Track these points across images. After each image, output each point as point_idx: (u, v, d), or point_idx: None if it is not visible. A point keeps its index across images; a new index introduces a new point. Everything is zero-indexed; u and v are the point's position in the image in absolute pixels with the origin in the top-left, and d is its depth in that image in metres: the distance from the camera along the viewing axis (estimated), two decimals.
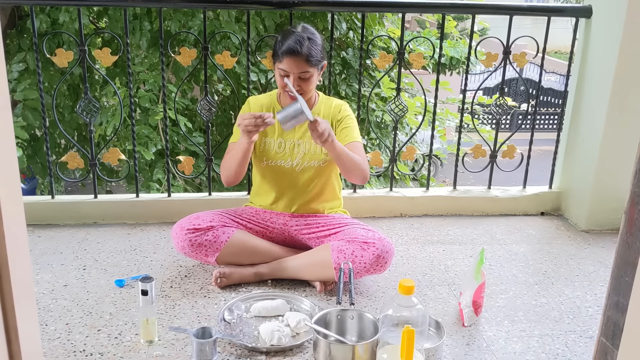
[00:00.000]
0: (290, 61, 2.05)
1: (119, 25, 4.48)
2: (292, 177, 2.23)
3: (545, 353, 1.82)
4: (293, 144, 2.22)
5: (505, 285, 2.25)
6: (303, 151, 2.21)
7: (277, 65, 2.10)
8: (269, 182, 2.27)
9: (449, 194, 2.99)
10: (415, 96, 5.59)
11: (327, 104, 2.27)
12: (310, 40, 2.08)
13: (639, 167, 0.88)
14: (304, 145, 2.22)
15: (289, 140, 2.22)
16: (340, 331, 1.80)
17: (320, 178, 2.25)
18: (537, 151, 3.40)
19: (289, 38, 2.07)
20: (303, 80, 2.09)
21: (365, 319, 1.81)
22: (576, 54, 2.86)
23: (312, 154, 2.22)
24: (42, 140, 4.64)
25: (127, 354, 1.74)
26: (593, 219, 2.79)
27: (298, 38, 2.06)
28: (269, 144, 2.23)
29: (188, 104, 4.74)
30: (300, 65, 2.06)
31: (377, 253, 2.02)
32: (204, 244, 2.10)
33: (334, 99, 2.31)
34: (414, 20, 10.61)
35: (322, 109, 2.25)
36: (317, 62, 2.10)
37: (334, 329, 1.80)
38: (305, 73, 2.08)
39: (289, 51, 2.05)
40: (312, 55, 2.07)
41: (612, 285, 0.96)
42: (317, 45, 2.09)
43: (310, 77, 2.10)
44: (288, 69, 2.07)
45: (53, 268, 2.27)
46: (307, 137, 2.19)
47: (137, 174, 2.85)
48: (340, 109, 2.26)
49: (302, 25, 2.15)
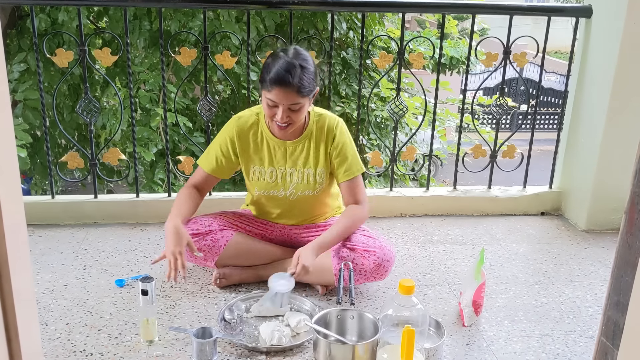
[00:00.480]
0: (279, 92, 1.88)
1: (119, 26, 4.48)
2: (286, 204, 2.16)
3: (546, 353, 1.82)
4: (284, 173, 2.10)
5: (505, 285, 2.25)
6: (296, 181, 2.10)
7: (265, 94, 1.92)
8: (263, 206, 2.21)
9: (449, 194, 2.99)
10: (414, 96, 5.59)
11: (319, 126, 2.08)
12: (302, 68, 1.89)
13: (639, 167, 0.88)
14: (296, 175, 2.10)
15: (280, 169, 2.10)
16: (341, 331, 1.80)
17: (315, 202, 2.18)
18: (537, 151, 3.40)
19: (279, 65, 1.88)
20: (293, 111, 1.93)
21: (366, 319, 1.81)
22: (576, 54, 2.86)
23: (305, 184, 2.11)
24: (42, 140, 4.65)
25: (128, 354, 1.74)
26: (593, 219, 2.79)
27: (289, 66, 1.88)
28: (260, 173, 2.12)
29: (189, 104, 4.74)
30: (290, 97, 1.89)
31: (378, 262, 2.01)
32: (203, 249, 2.09)
33: (327, 118, 2.10)
34: (414, 20, 10.60)
35: (314, 132, 2.08)
36: (309, 92, 1.93)
37: (334, 329, 1.80)
38: (295, 105, 1.91)
39: (278, 81, 1.86)
40: (303, 86, 1.89)
41: (612, 285, 0.96)
42: (309, 74, 1.91)
43: (301, 108, 1.94)
44: (277, 100, 1.89)
45: (53, 268, 2.27)
46: (298, 166, 2.09)
47: (137, 174, 2.85)
48: (335, 135, 2.08)
49: (294, 49, 1.97)
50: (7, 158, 0.71)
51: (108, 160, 2.80)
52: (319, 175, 2.10)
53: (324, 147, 2.09)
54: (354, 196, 2.11)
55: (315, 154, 2.09)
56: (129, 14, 3.21)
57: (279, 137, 2.07)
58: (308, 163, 2.09)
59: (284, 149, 2.09)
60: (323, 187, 2.13)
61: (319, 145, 2.09)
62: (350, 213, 2.08)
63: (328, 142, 2.09)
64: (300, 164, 2.09)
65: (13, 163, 0.73)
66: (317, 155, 2.09)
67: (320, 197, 2.17)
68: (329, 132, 2.09)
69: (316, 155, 2.09)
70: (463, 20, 8.32)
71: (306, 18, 4.88)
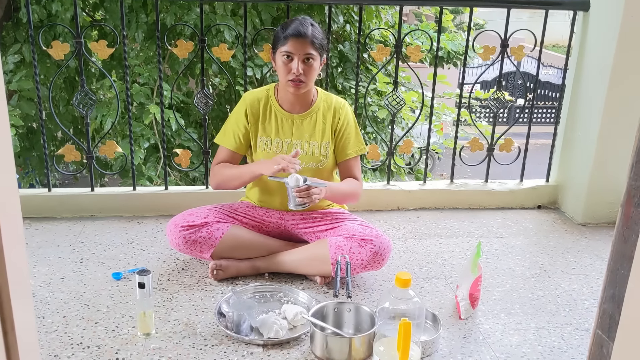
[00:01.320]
0: (295, 42, 2.02)
1: (115, 17, 4.46)
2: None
3: (542, 345, 1.83)
4: (290, 144, 2.18)
5: (501, 278, 2.26)
6: (301, 152, 2.17)
7: (280, 48, 2.06)
8: (266, 180, 2.22)
9: (446, 187, 2.99)
10: (411, 90, 5.58)
11: (327, 104, 2.21)
12: (313, 26, 2.07)
13: (635, 160, 0.88)
14: (301, 146, 2.17)
15: (286, 141, 2.18)
16: (337, 324, 1.81)
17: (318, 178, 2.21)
18: (534, 145, 3.40)
19: (291, 22, 2.07)
20: (307, 65, 2.05)
21: (362, 311, 1.81)
22: (574, 48, 2.86)
23: (310, 156, 2.18)
24: (38, 132, 4.63)
25: (125, 347, 1.74)
26: (589, 212, 2.80)
27: (302, 21, 2.06)
28: (267, 143, 2.18)
29: (183, 99, 4.72)
30: (305, 46, 2.03)
31: (375, 250, 2.02)
32: (199, 241, 2.09)
33: (334, 97, 2.25)
34: (411, 13, 10.58)
35: (321, 108, 2.20)
36: (321, 48, 2.08)
37: (331, 322, 1.80)
38: (309, 55, 2.04)
39: (294, 33, 2.03)
40: (316, 37, 2.05)
41: (608, 278, 0.96)
42: (320, 32, 2.08)
43: (314, 63, 2.06)
44: (293, 50, 2.03)
45: (50, 261, 2.27)
46: (304, 138, 2.17)
47: (133, 167, 2.85)
48: (340, 115, 2.21)
49: (302, 17, 2.13)
50: (2, 150, 0.71)
51: (105, 154, 2.80)
52: (323, 147, 2.19)
53: (330, 122, 2.20)
54: (352, 174, 2.23)
55: (322, 127, 2.19)
56: (124, 7, 3.18)
57: (289, 110, 2.18)
58: (314, 136, 2.18)
59: (292, 121, 2.18)
60: (327, 162, 2.20)
61: (325, 120, 2.20)
62: (350, 183, 2.21)
63: (335, 120, 2.20)
64: (306, 137, 2.17)
65: (9, 155, 0.72)
66: (323, 129, 2.19)
67: (324, 172, 2.21)
68: (335, 111, 2.21)
69: (322, 129, 2.19)
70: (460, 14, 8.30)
71: (303, 11, 4.86)
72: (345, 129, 2.20)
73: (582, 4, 2.74)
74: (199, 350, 1.73)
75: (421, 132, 6.44)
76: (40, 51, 3.62)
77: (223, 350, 1.73)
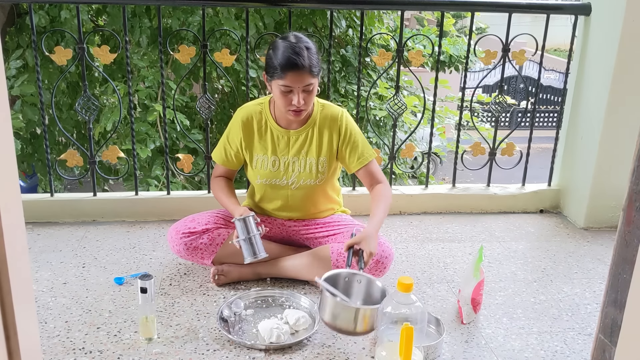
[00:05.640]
0: (294, 76, 1.91)
1: (118, 23, 4.48)
2: (287, 193, 2.17)
3: (544, 350, 1.82)
4: (287, 162, 2.12)
5: (504, 282, 2.26)
6: (298, 170, 2.12)
7: (278, 81, 1.94)
8: (264, 195, 2.21)
9: (448, 192, 2.99)
10: (412, 94, 5.58)
11: (323, 115, 2.12)
12: (308, 49, 1.94)
13: (637, 164, 0.88)
14: (298, 164, 2.12)
15: (282, 158, 2.12)
16: (346, 293, 1.80)
17: (316, 194, 2.19)
18: (536, 149, 3.40)
19: (285, 50, 1.92)
20: (307, 93, 1.96)
21: (374, 285, 1.81)
22: (575, 52, 2.86)
23: (307, 173, 2.12)
24: (41, 137, 4.65)
25: (127, 352, 1.74)
26: (592, 217, 2.79)
27: (296, 49, 1.92)
28: (263, 162, 2.13)
29: (187, 101, 4.74)
30: (304, 78, 1.93)
31: (377, 258, 2.01)
32: (200, 247, 2.10)
33: (330, 107, 2.15)
34: (413, 17, 10.60)
35: (318, 121, 2.11)
36: (319, 72, 1.98)
37: (341, 290, 1.79)
38: (309, 86, 1.95)
39: (290, 65, 1.90)
40: (314, 65, 1.94)
41: (610, 283, 0.96)
42: (314, 54, 1.97)
43: (313, 89, 1.98)
44: (292, 84, 1.92)
45: (52, 266, 2.27)
46: (301, 155, 2.11)
47: (136, 172, 2.85)
48: (340, 125, 2.11)
49: (293, 34, 2.01)
50: (5, 156, 0.71)
51: (107, 159, 2.81)
52: (320, 164, 2.12)
53: (327, 136, 2.11)
54: (375, 178, 2.14)
55: (318, 143, 2.11)
56: (127, 12, 3.20)
57: (285, 127, 2.11)
58: (310, 152, 2.12)
59: (287, 138, 2.12)
60: (325, 178, 2.15)
61: (322, 134, 2.11)
62: (381, 192, 2.10)
63: (333, 132, 2.11)
64: (303, 153, 2.12)
65: (11, 160, 0.73)
66: (320, 144, 2.12)
67: (322, 189, 2.18)
68: (333, 122, 2.11)
69: (319, 145, 2.11)
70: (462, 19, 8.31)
71: (305, 16, 4.88)
72: (350, 137, 2.11)
73: (583, 8, 2.74)
74: (200, 355, 1.73)
75: (423, 136, 6.44)
76: (43, 56, 3.63)
77: (225, 355, 1.73)
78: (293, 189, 2.15)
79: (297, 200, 2.18)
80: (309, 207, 2.22)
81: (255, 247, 1.98)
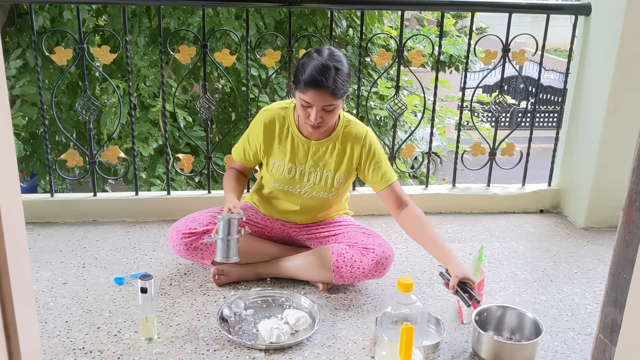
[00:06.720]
0: (314, 94, 1.86)
1: (118, 22, 4.48)
2: (298, 201, 2.15)
3: (544, 350, 1.82)
4: (304, 171, 2.09)
5: (504, 282, 2.26)
6: (313, 181, 2.10)
7: (299, 95, 1.90)
8: (273, 197, 2.20)
9: (448, 192, 2.99)
10: (412, 94, 5.58)
11: (347, 131, 2.07)
12: (337, 70, 1.88)
13: (637, 164, 0.88)
14: (314, 175, 2.09)
15: (299, 167, 2.09)
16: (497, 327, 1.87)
17: (325, 206, 2.19)
18: (537, 149, 3.40)
19: (314, 66, 1.87)
20: (327, 112, 1.92)
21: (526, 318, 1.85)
22: (575, 52, 2.86)
23: (322, 186, 2.10)
24: (41, 138, 4.65)
25: (127, 352, 1.74)
26: (592, 217, 2.79)
27: (324, 68, 1.86)
28: (279, 167, 2.10)
29: (189, 99, 4.74)
30: (325, 98, 1.87)
31: (377, 259, 2.01)
32: (200, 248, 2.09)
33: (356, 124, 2.10)
34: (413, 18, 10.60)
35: (341, 136, 2.07)
36: (343, 94, 1.92)
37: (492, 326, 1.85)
38: (329, 106, 1.90)
39: (313, 83, 1.85)
40: (338, 88, 1.87)
41: (610, 283, 0.96)
42: (343, 75, 1.90)
43: (335, 109, 1.93)
44: (311, 101, 1.88)
45: (52, 266, 2.27)
46: (319, 167, 2.08)
47: (136, 172, 2.85)
48: (365, 143, 2.07)
49: (328, 49, 1.94)
50: (5, 155, 0.71)
51: (107, 159, 2.80)
52: (337, 179, 2.10)
53: (349, 153, 2.08)
54: (399, 199, 2.10)
55: (338, 158, 2.08)
56: (127, 12, 3.20)
57: (307, 136, 2.07)
58: (328, 165, 2.09)
59: (308, 147, 2.08)
60: (338, 193, 2.13)
61: (344, 150, 2.08)
62: (417, 216, 2.07)
63: (355, 149, 2.07)
64: (321, 165, 2.09)
65: (12, 160, 0.73)
66: (340, 159, 2.08)
67: (332, 201, 2.17)
68: (356, 140, 2.08)
69: (339, 160, 2.08)
70: (462, 19, 8.31)
71: (305, 16, 4.88)
72: (374, 156, 2.07)
73: (583, 8, 2.74)
74: (201, 355, 1.73)
75: (423, 136, 6.44)
76: (43, 56, 3.63)
77: (225, 355, 1.73)
78: (305, 198, 2.14)
79: (306, 208, 2.17)
80: (316, 216, 2.22)
81: (230, 250, 1.96)
